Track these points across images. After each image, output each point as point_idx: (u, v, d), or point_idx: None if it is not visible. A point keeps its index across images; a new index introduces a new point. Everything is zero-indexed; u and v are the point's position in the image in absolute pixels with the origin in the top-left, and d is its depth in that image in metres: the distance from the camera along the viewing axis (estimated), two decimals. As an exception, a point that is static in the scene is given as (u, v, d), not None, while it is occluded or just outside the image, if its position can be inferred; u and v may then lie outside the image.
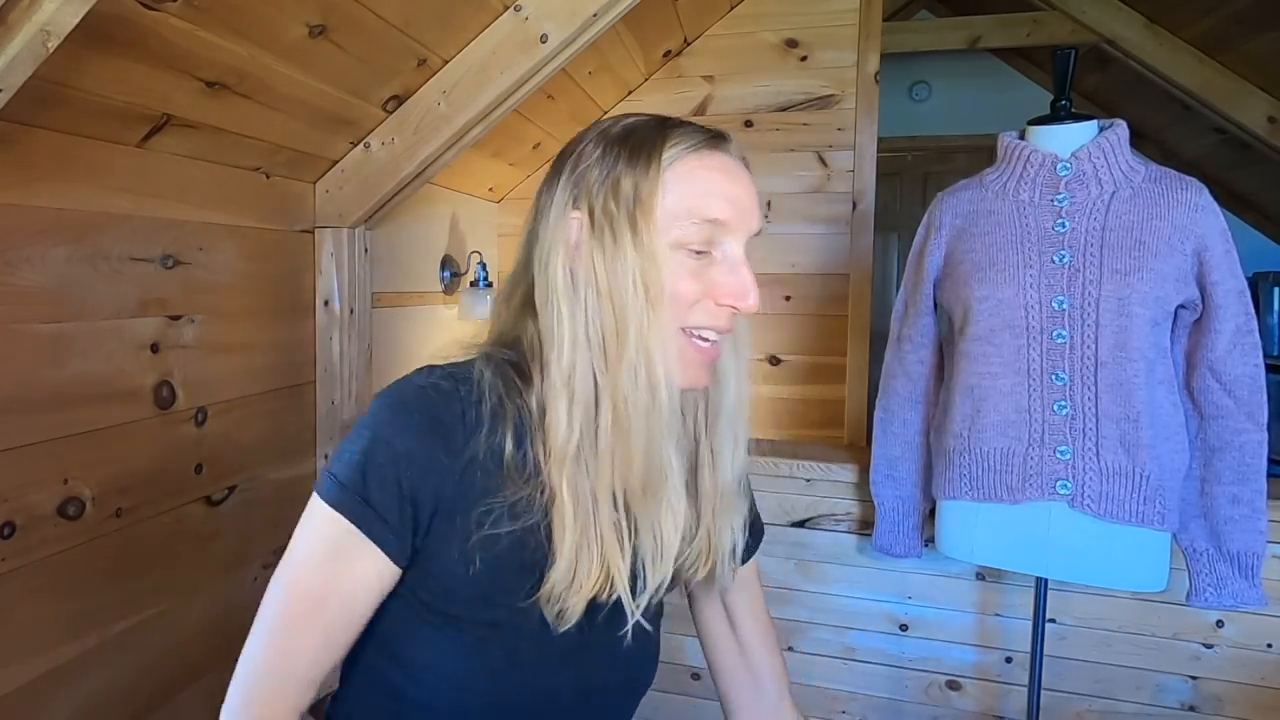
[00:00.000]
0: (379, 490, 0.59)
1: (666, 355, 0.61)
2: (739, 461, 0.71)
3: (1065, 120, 1.28)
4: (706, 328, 0.63)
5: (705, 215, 0.61)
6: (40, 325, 1.02)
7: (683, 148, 0.62)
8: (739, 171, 0.64)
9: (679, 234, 0.61)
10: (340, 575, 0.59)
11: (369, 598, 0.61)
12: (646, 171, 0.61)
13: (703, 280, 0.62)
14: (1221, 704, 1.53)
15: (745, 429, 0.71)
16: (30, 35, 0.76)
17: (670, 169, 0.61)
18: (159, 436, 1.22)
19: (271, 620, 0.60)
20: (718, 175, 0.62)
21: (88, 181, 1.07)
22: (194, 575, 1.30)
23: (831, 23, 2.15)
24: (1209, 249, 1.20)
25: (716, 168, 0.63)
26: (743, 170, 0.65)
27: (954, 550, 1.36)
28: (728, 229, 0.62)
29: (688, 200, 0.61)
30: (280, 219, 1.48)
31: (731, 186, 0.63)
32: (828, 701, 1.77)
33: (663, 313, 0.60)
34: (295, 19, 1.11)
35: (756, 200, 0.65)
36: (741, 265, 0.63)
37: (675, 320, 0.62)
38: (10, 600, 1.00)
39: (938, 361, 1.45)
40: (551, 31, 1.37)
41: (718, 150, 0.64)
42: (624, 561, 0.62)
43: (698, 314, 0.62)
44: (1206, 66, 2.40)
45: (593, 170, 0.63)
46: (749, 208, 0.64)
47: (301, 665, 0.59)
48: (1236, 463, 1.24)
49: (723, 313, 0.63)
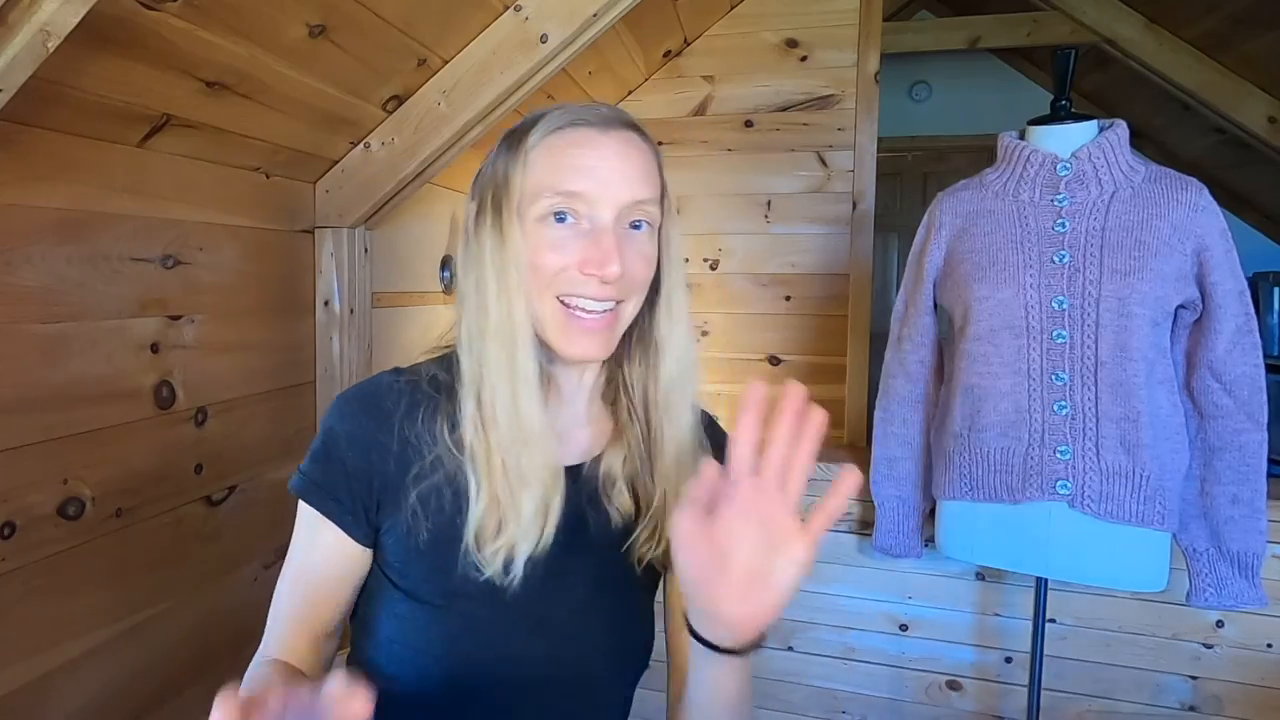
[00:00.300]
0: (328, 473, 0.67)
1: (544, 325, 0.66)
2: (684, 431, 0.72)
3: (1065, 120, 1.28)
4: (579, 296, 0.65)
5: (560, 188, 0.64)
6: (40, 325, 1.02)
7: (547, 129, 0.66)
8: (604, 143, 0.65)
9: (540, 208, 0.65)
10: (312, 550, 0.69)
11: (336, 567, 0.69)
12: (514, 157, 0.66)
13: (568, 251, 0.65)
14: (1221, 704, 1.53)
15: (691, 400, 0.73)
16: (30, 35, 0.76)
17: (534, 150, 0.66)
18: (159, 436, 1.22)
19: (279, 585, 0.71)
20: (576, 149, 0.65)
21: (88, 181, 1.07)
22: (194, 575, 1.30)
23: (831, 23, 2.15)
24: (1209, 249, 1.20)
25: (576, 143, 0.65)
26: (612, 142, 0.66)
27: (954, 550, 1.36)
28: (588, 199, 0.64)
29: (546, 177, 0.65)
30: (280, 219, 1.47)
31: (589, 159, 0.65)
32: (828, 701, 1.77)
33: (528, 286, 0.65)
34: (295, 19, 1.11)
35: (630, 170, 0.66)
36: (604, 234, 0.64)
37: (549, 290, 0.65)
38: (10, 600, 1.00)
39: (938, 361, 1.45)
40: (551, 31, 1.37)
41: (581, 127, 0.66)
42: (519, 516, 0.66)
43: (566, 283, 0.65)
44: (1206, 66, 2.39)
45: (485, 167, 0.70)
46: (612, 179, 0.65)
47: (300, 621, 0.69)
48: (1236, 463, 1.24)
49: (589, 282, 0.64)
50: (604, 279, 0.64)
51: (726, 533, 0.53)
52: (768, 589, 0.52)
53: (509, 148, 0.68)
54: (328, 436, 0.68)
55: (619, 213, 0.65)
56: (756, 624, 0.54)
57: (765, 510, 0.52)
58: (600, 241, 0.64)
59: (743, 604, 0.53)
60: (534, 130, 0.66)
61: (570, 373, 0.73)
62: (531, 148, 0.66)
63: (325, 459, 0.68)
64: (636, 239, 0.67)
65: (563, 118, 0.66)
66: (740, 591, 0.52)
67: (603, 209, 0.65)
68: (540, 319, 0.66)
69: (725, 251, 2.30)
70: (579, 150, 0.65)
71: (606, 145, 0.65)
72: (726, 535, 0.53)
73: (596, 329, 0.66)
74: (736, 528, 0.53)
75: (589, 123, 0.66)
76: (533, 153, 0.66)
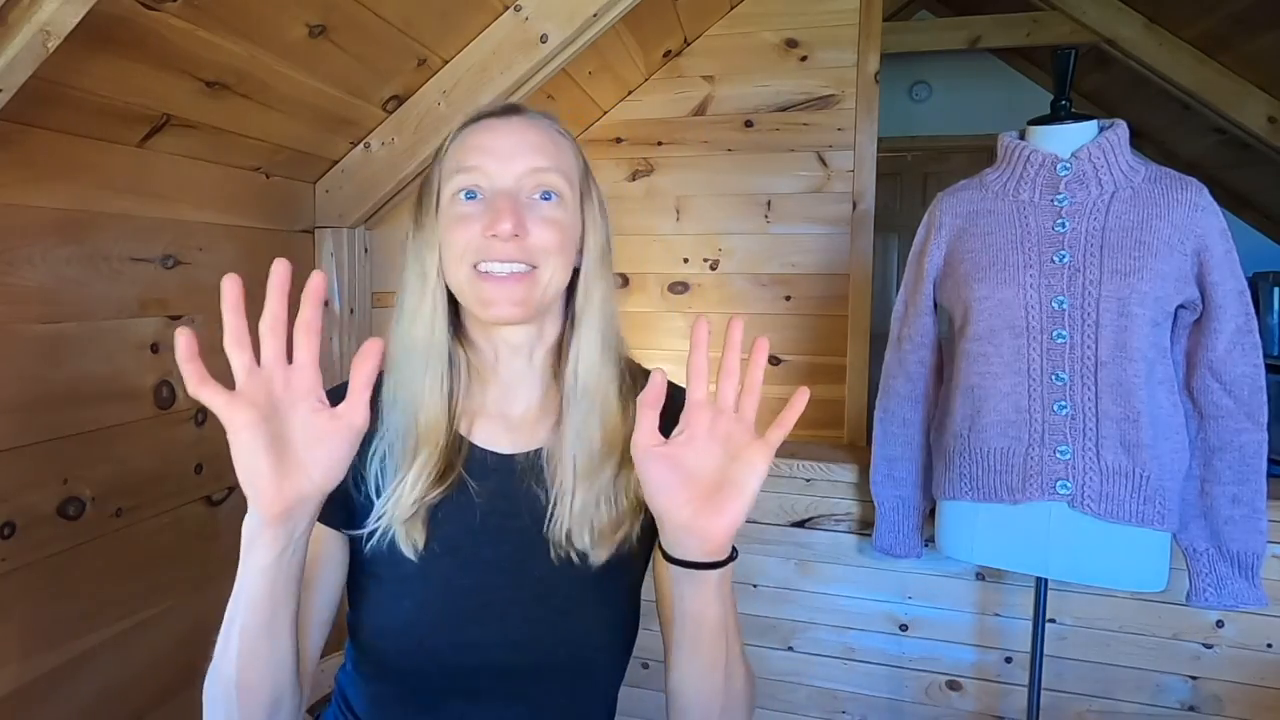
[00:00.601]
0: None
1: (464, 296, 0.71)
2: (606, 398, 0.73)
3: (1065, 120, 1.28)
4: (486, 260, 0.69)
5: (458, 167, 0.71)
6: (40, 325, 1.02)
7: (457, 130, 0.74)
8: (501, 125, 0.72)
9: (450, 191, 0.71)
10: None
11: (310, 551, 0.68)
12: (435, 166, 0.74)
13: (473, 220, 0.69)
14: (1221, 704, 1.53)
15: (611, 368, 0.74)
16: (30, 35, 0.76)
17: (447, 152, 0.74)
18: (159, 436, 1.22)
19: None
20: (475, 135, 0.72)
21: (88, 181, 1.07)
22: (194, 575, 1.30)
23: (831, 23, 2.15)
24: (1209, 249, 1.20)
25: (478, 130, 0.73)
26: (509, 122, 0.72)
27: (954, 550, 1.36)
28: (487, 172, 0.70)
29: (450, 164, 0.72)
30: (280, 219, 1.47)
31: (486, 139, 0.71)
32: (828, 701, 1.77)
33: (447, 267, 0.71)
34: (295, 19, 1.11)
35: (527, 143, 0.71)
36: (499, 197, 0.69)
37: (463, 261, 0.69)
38: (10, 600, 1.00)
39: (938, 361, 1.45)
40: (551, 31, 1.37)
41: (485, 119, 0.73)
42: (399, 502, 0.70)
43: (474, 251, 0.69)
44: (1206, 66, 2.39)
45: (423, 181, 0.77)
46: (508, 150, 0.70)
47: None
48: (1236, 463, 1.24)
49: (493, 244, 0.68)
50: (499, 235, 0.67)
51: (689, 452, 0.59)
52: (733, 495, 0.57)
53: (434, 159, 0.75)
54: None
55: (517, 179, 0.70)
56: (725, 530, 0.58)
57: (723, 429, 0.59)
58: (495, 203, 0.69)
59: (711, 513, 0.58)
60: (451, 135, 0.75)
61: (515, 359, 0.75)
62: (445, 152, 0.74)
63: None
64: (543, 207, 0.71)
65: (470, 116, 0.75)
66: (706, 501, 0.58)
67: (500, 178, 0.70)
68: (460, 291, 0.71)
69: (725, 251, 2.30)
70: (480, 134, 0.72)
71: (503, 125, 0.72)
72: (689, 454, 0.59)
73: (506, 286, 0.69)
74: (697, 447, 0.59)
75: (491, 113, 0.74)
76: (446, 155, 0.73)
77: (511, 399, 0.76)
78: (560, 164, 0.72)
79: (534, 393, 0.77)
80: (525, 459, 0.74)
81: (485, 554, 0.72)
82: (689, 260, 2.34)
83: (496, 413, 0.76)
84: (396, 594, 0.70)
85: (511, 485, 0.73)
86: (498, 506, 0.72)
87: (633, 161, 2.35)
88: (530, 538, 0.72)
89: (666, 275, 2.36)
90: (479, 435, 0.75)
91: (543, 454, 0.74)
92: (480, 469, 0.73)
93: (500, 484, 0.73)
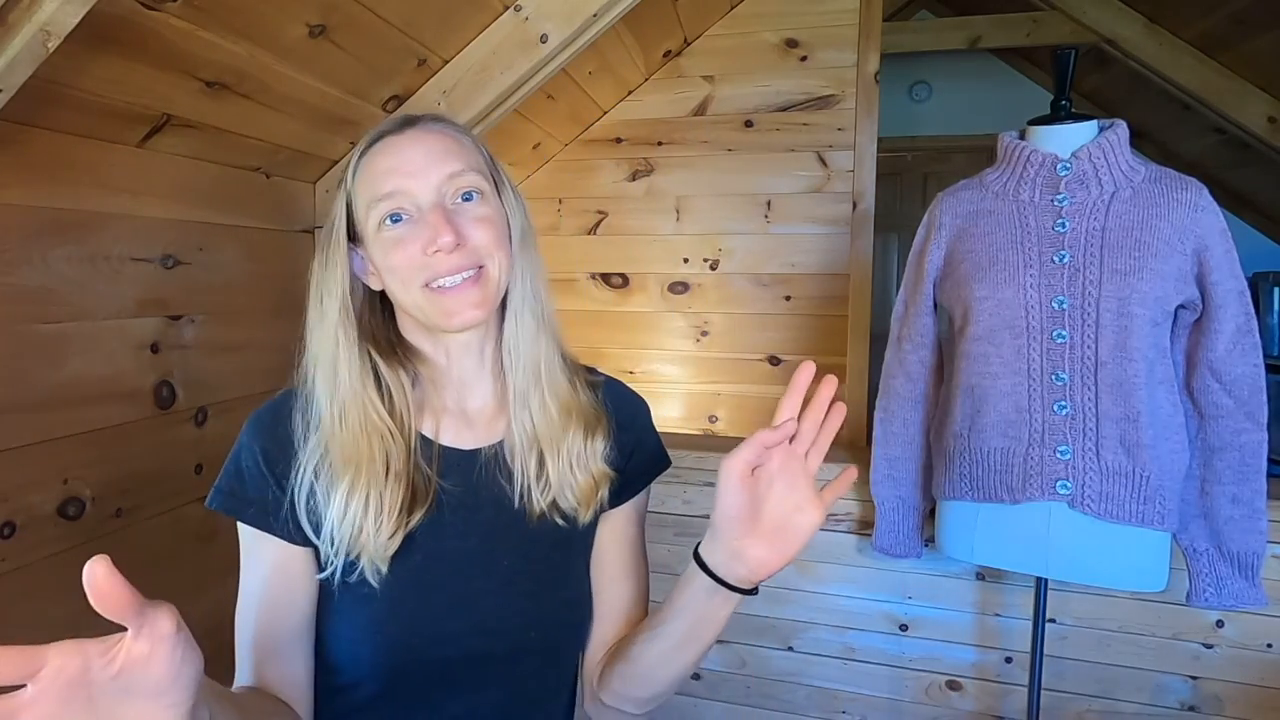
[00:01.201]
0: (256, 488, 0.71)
1: (423, 314, 0.71)
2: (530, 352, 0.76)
3: (1065, 120, 1.28)
4: (436, 277, 0.70)
5: (375, 195, 0.70)
6: (40, 325, 1.02)
7: (357, 157, 0.74)
8: (401, 141, 0.72)
9: (374, 220, 0.71)
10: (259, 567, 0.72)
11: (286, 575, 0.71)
12: (339, 197, 0.74)
13: (409, 242, 0.69)
14: (1221, 704, 1.53)
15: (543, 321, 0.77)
16: (30, 35, 0.76)
17: (353, 181, 0.73)
18: (159, 436, 1.22)
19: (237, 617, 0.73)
20: (378, 159, 0.72)
21: (88, 181, 1.07)
22: (194, 575, 1.30)
23: (831, 23, 2.15)
24: (1209, 249, 1.20)
25: (381, 151, 0.72)
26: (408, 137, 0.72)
27: (954, 550, 1.36)
28: (405, 193, 0.70)
29: (364, 194, 0.72)
30: (280, 219, 1.47)
31: (390, 160, 0.71)
32: (828, 701, 1.77)
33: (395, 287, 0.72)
34: (295, 19, 1.11)
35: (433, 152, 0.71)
36: (430, 212, 0.69)
37: (413, 284, 0.70)
38: (10, 600, 1.00)
39: (938, 361, 1.45)
40: (551, 31, 1.37)
41: (380, 139, 0.73)
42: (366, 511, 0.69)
43: (421, 271, 0.70)
44: (1206, 66, 2.39)
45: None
46: (417, 164, 0.70)
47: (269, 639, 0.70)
48: (1237, 463, 1.24)
49: (436, 259, 0.69)
50: (442, 249, 0.68)
51: (763, 485, 0.62)
52: (788, 539, 0.61)
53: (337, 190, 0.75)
54: (246, 453, 0.72)
55: (437, 190, 0.70)
56: (772, 567, 0.62)
57: (793, 474, 0.62)
58: (427, 219, 0.69)
59: (766, 549, 0.61)
60: (351, 163, 0.74)
61: (466, 358, 0.76)
62: (349, 182, 0.73)
63: (242, 475, 0.71)
64: (468, 208, 0.72)
65: (365, 141, 0.74)
66: (766, 537, 0.61)
67: (421, 194, 0.70)
68: (419, 309, 0.71)
69: (725, 251, 2.30)
70: (382, 157, 0.71)
71: (403, 141, 0.72)
72: (763, 488, 0.62)
73: (463, 292, 0.70)
74: (772, 483, 0.62)
75: (386, 131, 0.73)
76: (352, 184, 0.73)
77: (468, 395, 0.78)
78: (471, 162, 0.73)
79: (488, 387, 0.78)
80: (488, 452, 0.76)
81: (453, 547, 0.73)
82: (689, 260, 2.34)
83: (457, 410, 0.77)
84: (368, 597, 0.70)
85: (474, 479, 0.75)
86: (464, 501, 0.74)
87: (633, 161, 2.35)
88: (495, 529, 0.74)
89: (666, 275, 2.36)
90: (445, 435, 0.76)
91: (503, 445, 0.76)
92: (446, 467, 0.74)
93: (464, 478, 0.74)
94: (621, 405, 0.83)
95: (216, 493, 0.72)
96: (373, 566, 0.69)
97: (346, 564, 0.69)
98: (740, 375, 2.32)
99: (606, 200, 2.39)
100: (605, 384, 0.84)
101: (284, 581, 0.71)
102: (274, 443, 0.72)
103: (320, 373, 0.72)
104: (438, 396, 0.77)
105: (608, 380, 0.85)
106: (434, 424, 0.76)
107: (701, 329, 2.35)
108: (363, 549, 0.68)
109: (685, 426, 2.38)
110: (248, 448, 0.72)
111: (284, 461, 0.71)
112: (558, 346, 0.78)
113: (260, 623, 0.70)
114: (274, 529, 0.70)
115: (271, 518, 0.70)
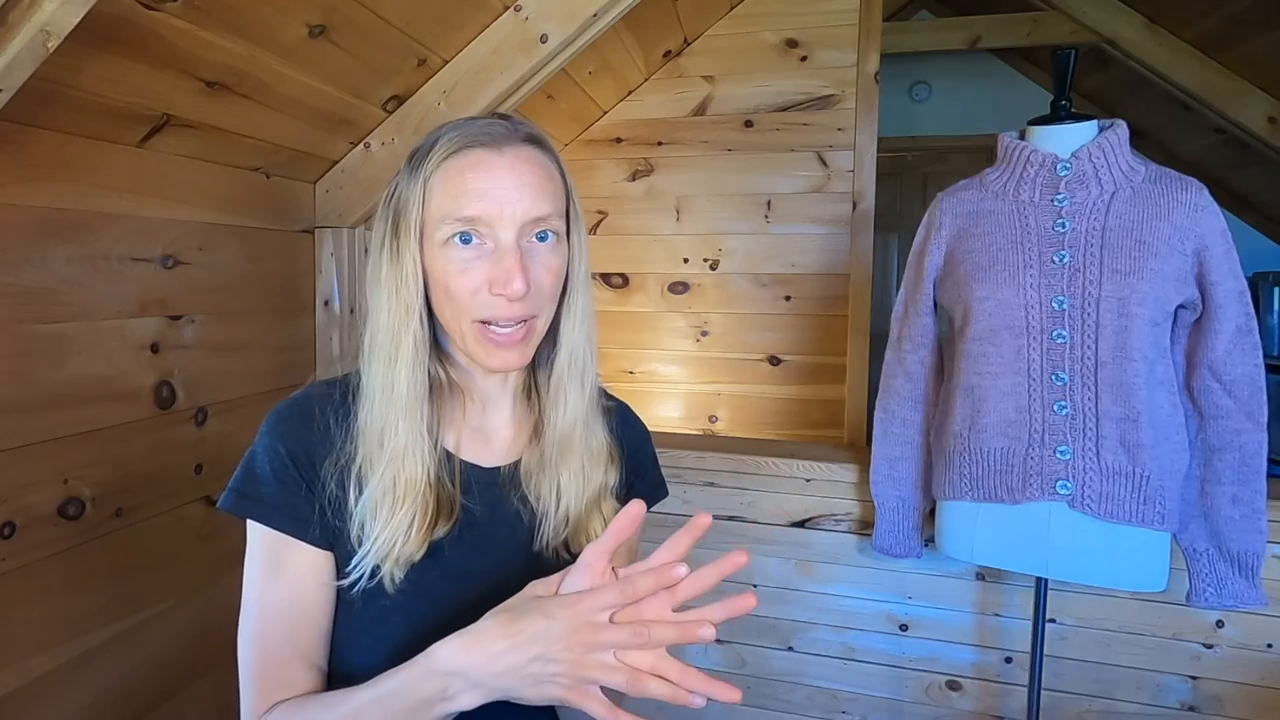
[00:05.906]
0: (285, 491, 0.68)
1: (465, 342, 0.69)
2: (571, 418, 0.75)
3: (1065, 120, 1.28)
4: (491, 319, 0.68)
5: (458, 215, 0.66)
6: (40, 325, 1.02)
7: (442, 154, 0.68)
8: (498, 164, 0.67)
9: (444, 233, 0.67)
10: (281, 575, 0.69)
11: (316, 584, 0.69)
12: (413, 183, 0.69)
13: (475, 272, 0.67)
14: (1221, 704, 1.53)
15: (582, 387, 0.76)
16: (30, 35, 0.76)
17: (433, 177, 0.68)
18: (159, 436, 1.22)
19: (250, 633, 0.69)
20: (470, 174, 0.67)
21: (88, 181, 1.07)
22: (194, 575, 1.30)
23: (831, 23, 2.15)
24: (1209, 249, 1.20)
25: (470, 167, 0.67)
26: (506, 161, 0.67)
27: (954, 550, 1.36)
28: (487, 222, 0.66)
29: (445, 203, 0.67)
30: (280, 219, 1.47)
31: (483, 182, 0.66)
32: (828, 701, 1.77)
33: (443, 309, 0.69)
34: (295, 19, 1.11)
35: (527, 187, 0.67)
36: (507, 254, 0.66)
37: (466, 315, 0.68)
38: (10, 600, 1.00)
39: (938, 361, 1.45)
40: (551, 31, 1.37)
41: (475, 148, 0.67)
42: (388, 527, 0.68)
43: (479, 307, 0.67)
44: (1206, 66, 2.40)
45: (391, 189, 0.72)
46: (509, 198, 0.66)
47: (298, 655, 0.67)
48: (1237, 463, 1.24)
49: (498, 302, 0.67)
50: (510, 296, 0.66)
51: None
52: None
53: (410, 172, 0.70)
54: (272, 454, 0.68)
55: (519, 230, 0.67)
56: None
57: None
58: (503, 261, 0.66)
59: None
60: (431, 155, 0.68)
61: (493, 379, 0.76)
62: (429, 175, 0.68)
63: (265, 476, 0.68)
64: (541, 252, 0.69)
65: (457, 141, 0.68)
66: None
67: (503, 229, 0.67)
68: (462, 336, 0.69)
69: (725, 251, 2.30)
70: (474, 174, 0.67)
71: (500, 165, 0.67)
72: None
73: (512, 343, 0.69)
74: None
75: (483, 143, 0.68)
76: (431, 180, 0.68)
77: (489, 413, 0.77)
78: (557, 204, 0.70)
79: (509, 407, 0.78)
80: (506, 471, 0.76)
81: (468, 566, 0.72)
82: (689, 260, 2.34)
83: (477, 426, 0.77)
84: (386, 609, 0.70)
85: (492, 498, 0.74)
86: (480, 518, 0.73)
87: (633, 161, 2.35)
88: (507, 548, 0.74)
89: (666, 275, 2.36)
90: (466, 450, 0.75)
91: (520, 465, 0.76)
92: (467, 483, 0.74)
93: (484, 497, 0.74)
94: (628, 433, 0.84)
95: (234, 495, 0.69)
96: (391, 576, 0.67)
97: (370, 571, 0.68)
98: (740, 375, 2.32)
99: (606, 200, 2.39)
100: (617, 409, 0.84)
101: (313, 589, 0.68)
102: (301, 443, 0.69)
103: (378, 370, 0.69)
104: (459, 409, 0.76)
105: (619, 405, 0.85)
106: (455, 438, 0.75)
107: (701, 329, 2.35)
108: (388, 557, 0.67)
109: (685, 426, 2.38)
110: (271, 448, 0.69)
111: (314, 463, 0.69)
112: (596, 391, 0.77)
113: (283, 635, 0.67)
114: (304, 534, 0.68)
115: (303, 522, 0.68)
